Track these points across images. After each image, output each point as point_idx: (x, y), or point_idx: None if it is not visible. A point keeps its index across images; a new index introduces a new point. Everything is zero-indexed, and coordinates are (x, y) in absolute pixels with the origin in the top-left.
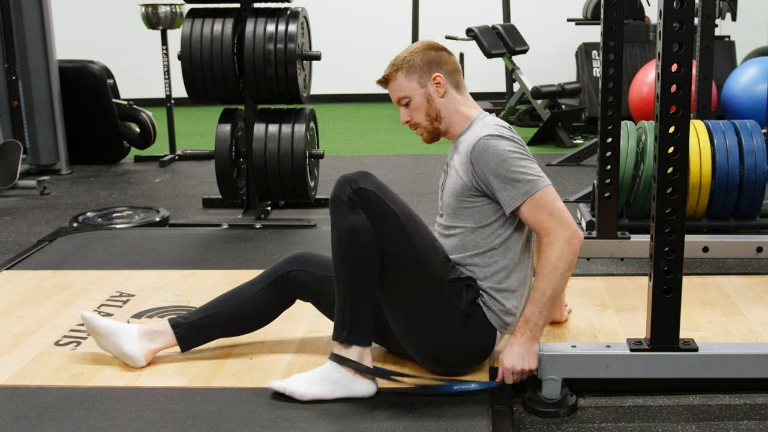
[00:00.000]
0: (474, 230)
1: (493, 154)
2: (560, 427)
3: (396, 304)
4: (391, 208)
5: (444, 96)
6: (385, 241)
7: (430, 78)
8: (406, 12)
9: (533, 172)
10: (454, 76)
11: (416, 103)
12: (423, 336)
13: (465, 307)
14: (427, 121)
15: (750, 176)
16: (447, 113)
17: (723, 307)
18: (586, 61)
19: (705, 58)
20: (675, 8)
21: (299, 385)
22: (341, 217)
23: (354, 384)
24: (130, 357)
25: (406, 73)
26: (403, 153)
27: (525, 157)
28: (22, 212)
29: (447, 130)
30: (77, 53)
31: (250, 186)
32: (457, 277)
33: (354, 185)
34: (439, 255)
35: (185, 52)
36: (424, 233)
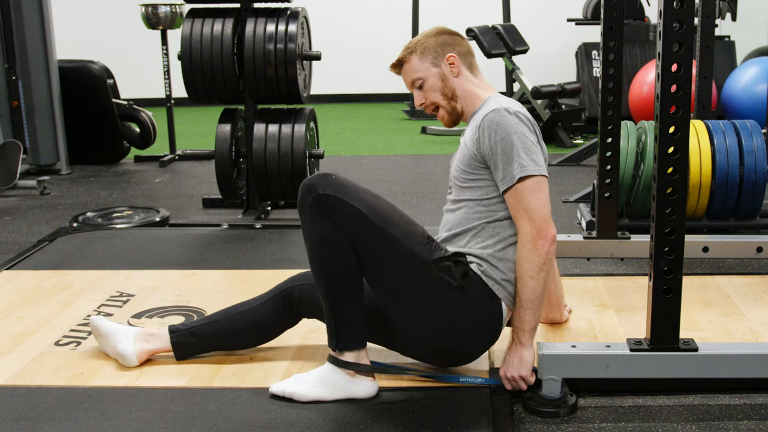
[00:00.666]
0: (479, 202)
1: (497, 128)
2: (560, 427)
3: (390, 301)
4: (354, 207)
5: (458, 76)
6: (358, 241)
7: (444, 58)
8: (406, 12)
9: (526, 159)
10: (468, 57)
11: (430, 83)
12: (426, 326)
13: (459, 282)
14: (444, 100)
15: (750, 176)
16: (463, 92)
17: (723, 307)
18: (586, 61)
19: (705, 58)
20: (675, 8)
21: (299, 387)
22: (308, 227)
23: (354, 385)
24: (122, 355)
25: (420, 55)
26: (403, 153)
27: (527, 141)
28: (22, 212)
29: (463, 109)
30: (77, 53)
31: (250, 186)
32: (442, 256)
33: (313, 192)
34: (418, 237)
35: (185, 52)
36: (398, 220)
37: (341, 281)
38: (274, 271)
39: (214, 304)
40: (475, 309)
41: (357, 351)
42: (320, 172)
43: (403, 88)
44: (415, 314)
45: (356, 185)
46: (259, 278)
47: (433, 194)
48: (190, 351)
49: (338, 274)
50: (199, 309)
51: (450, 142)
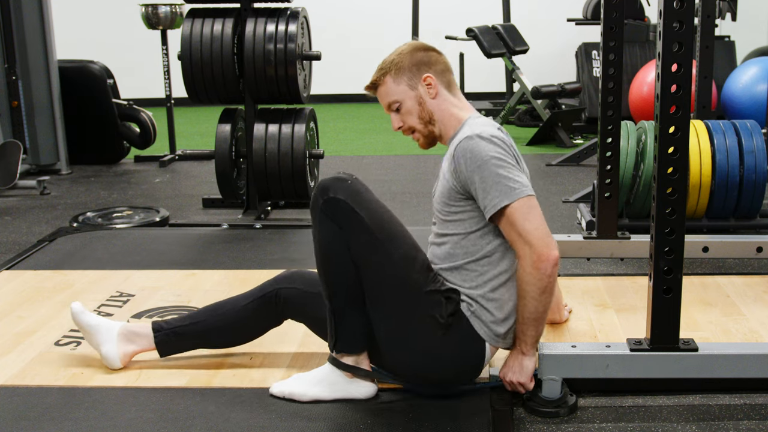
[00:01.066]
0: (464, 236)
1: (472, 156)
2: (560, 427)
3: (377, 319)
4: (361, 218)
5: (435, 97)
6: (358, 252)
7: (420, 79)
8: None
9: (507, 182)
10: (445, 75)
11: (407, 106)
12: (407, 354)
13: (445, 320)
14: (421, 124)
15: (750, 176)
16: (440, 115)
17: (723, 307)
18: (586, 61)
19: (705, 58)
20: (675, 8)
21: (298, 386)
22: (317, 228)
23: (352, 386)
24: (106, 358)
25: (395, 76)
26: (403, 153)
27: (505, 163)
28: (22, 212)
29: (441, 133)
30: (77, 53)
31: (250, 186)
32: (436, 289)
33: (325, 194)
34: (417, 265)
35: (185, 52)
36: (402, 242)
37: (344, 285)
38: (274, 271)
39: None
40: (458, 348)
41: (356, 355)
42: (338, 175)
43: None
44: (398, 340)
45: (371, 196)
46: (259, 278)
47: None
48: (174, 349)
49: (341, 278)
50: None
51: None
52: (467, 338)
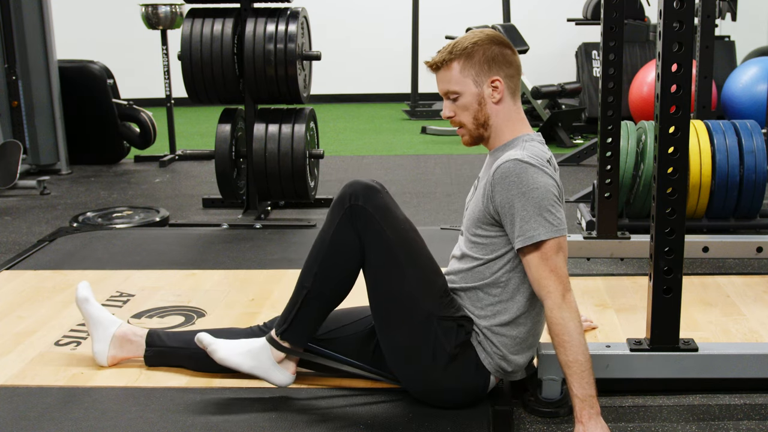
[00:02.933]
0: (485, 263)
1: (515, 182)
2: (560, 427)
3: (384, 335)
4: (385, 234)
5: (498, 103)
6: (375, 269)
7: (488, 79)
8: (406, 12)
9: (550, 217)
10: (514, 81)
11: (466, 101)
12: (410, 373)
13: (453, 349)
14: (473, 124)
15: (750, 176)
16: (496, 122)
17: (723, 307)
18: (586, 61)
19: (705, 58)
20: (675, 8)
21: (224, 348)
22: (332, 227)
23: (273, 369)
24: (95, 354)
25: (463, 66)
26: (403, 153)
27: (551, 196)
28: (22, 212)
29: (490, 139)
30: (77, 53)
31: (250, 186)
32: (449, 316)
33: (354, 199)
34: (434, 289)
35: (185, 52)
36: (421, 263)
37: (326, 288)
38: (274, 271)
39: (214, 304)
40: (460, 378)
41: (295, 347)
42: (371, 183)
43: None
44: (403, 359)
45: (399, 212)
46: (259, 278)
47: (433, 194)
48: (160, 364)
49: (329, 281)
50: (199, 309)
51: (450, 142)
52: (471, 368)
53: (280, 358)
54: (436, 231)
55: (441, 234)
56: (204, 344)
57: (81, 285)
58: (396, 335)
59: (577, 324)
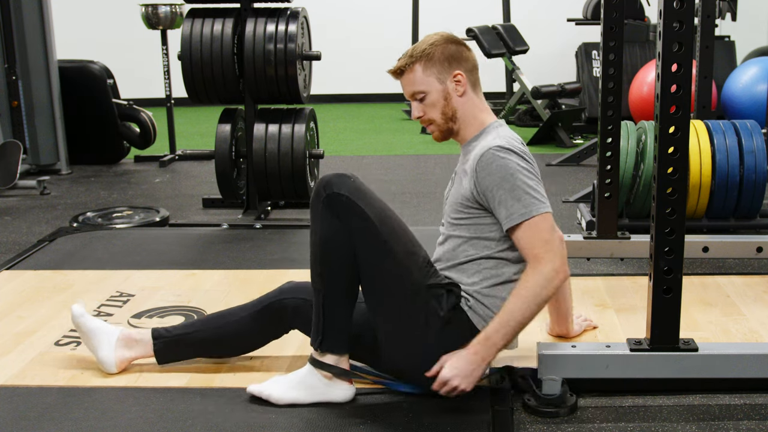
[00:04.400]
0: (468, 240)
1: (499, 167)
2: (560, 427)
3: (377, 313)
4: (365, 214)
5: (462, 95)
6: (360, 248)
7: (450, 75)
8: (406, 12)
9: (537, 195)
10: (474, 74)
11: (432, 99)
12: (406, 347)
13: (445, 313)
14: (442, 119)
15: (750, 176)
16: (463, 114)
17: (723, 307)
18: (586, 61)
19: (705, 58)
20: (675, 8)
21: (276, 389)
22: (317, 223)
23: (331, 389)
24: (102, 362)
25: (425, 67)
26: (403, 153)
27: (532, 177)
28: (22, 212)
29: (459, 131)
30: (77, 53)
31: (250, 186)
32: (437, 283)
33: (329, 189)
34: (419, 259)
35: (185, 52)
36: (403, 237)
37: (338, 283)
38: (274, 271)
39: (214, 304)
40: (456, 343)
41: (339, 355)
42: (340, 172)
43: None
44: (398, 333)
45: (372, 193)
46: (259, 278)
47: (433, 194)
48: (173, 358)
49: (336, 275)
50: (199, 309)
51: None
52: (467, 332)
53: (330, 375)
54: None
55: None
56: (256, 394)
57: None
58: (390, 310)
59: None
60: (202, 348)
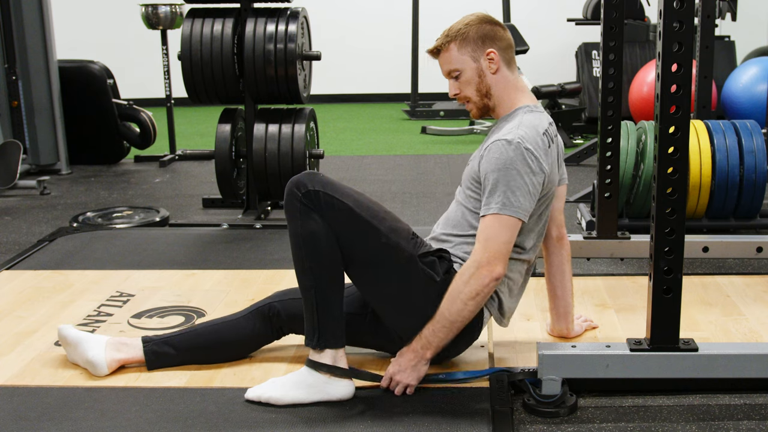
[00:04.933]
0: (473, 214)
1: (497, 159)
2: (560, 427)
3: (374, 295)
4: (343, 203)
5: (496, 73)
6: (346, 236)
7: (484, 53)
8: (406, 12)
9: (512, 197)
10: (508, 53)
11: (467, 77)
12: (408, 320)
13: (441, 277)
14: (477, 96)
15: (750, 176)
16: (497, 91)
17: (723, 307)
18: (586, 61)
19: (705, 58)
20: (675, 8)
21: (275, 391)
22: (297, 223)
23: (330, 387)
24: (92, 363)
25: (460, 46)
26: (403, 153)
27: (522, 178)
28: (22, 212)
29: (495, 108)
30: (77, 53)
31: (250, 186)
32: (427, 251)
33: (302, 188)
34: (404, 234)
35: (185, 52)
36: (385, 216)
37: (327, 277)
38: (274, 271)
39: (214, 304)
40: None
41: (335, 350)
42: (305, 171)
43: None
44: (399, 308)
45: (341, 183)
46: (259, 278)
47: (433, 194)
48: (163, 363)
49: (324, 269)
50: (199, 309)
51: (450, 142)
52: None
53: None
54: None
55: None
56: (255, 399)
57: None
58: (387, 288)
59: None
60: (192, 354)
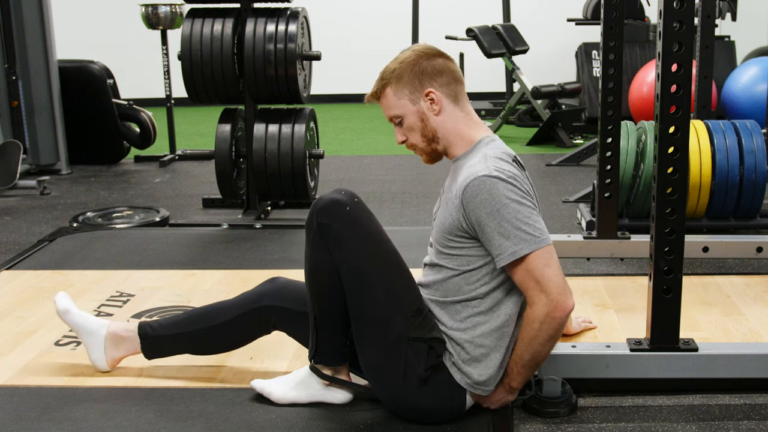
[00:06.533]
0: (459, 274)
1: (485, 201)
2: (560, 427)
3: (358, 347)
4: (356, 253)
5: (439, 114)
6: (345, 284)
7: (422, 94)
8: (406, 12)
9: (529, 228)
10: (451, 88)
11: (409, 122)
12: (382, 388)
13: (423, 372)
14: (423, 142)
15: (750, 176)
16: (445, 133)
17: (723, 307)
18: (586, 61)
19: (705, 58)
20: (675, 8)
21: (277, 388)
22: (309, 249)
23: (329, 391)
24: (95, 364)
25: (395, 89)
26: (403, 153)
27: (523, 205)
28: (22, 212)
29: (446, 150)
30: (77, 53)
31: (250, 186)
32: (420, 337)
33: (321, 218)
34: (406, 308)
35: (185, 52)
36: (393, 283)
37: (327, 309)
38: (274, 271)
39: None
40: (435, 400)
41: (335, 368)
42: (339, 197)
43: None
44: (376, 377)
45: (370, 226)
46: (259, 278)
47: (433, 194)
48: (159, 354)
49: (326, 303)
50: None
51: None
52: (444, 390)
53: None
54: None
55: None
56: (258, 390)
57: (58, 297)
58: (368, 353)
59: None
60: (188, 347)
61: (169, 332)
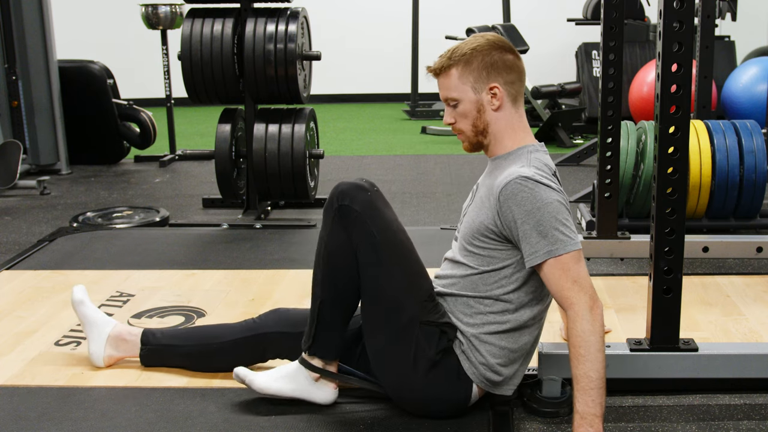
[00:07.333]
0: (480, 274)
1: (525, 199)
2: (560, 427)
3: (368, 333)
4: (373, 234)
5: (498, 110)
6: (362, 267)
7: (487, 86)
8: (405, 12)
9: (566, 230)
10: (515, 87)
11: (465, 108)
12: (389, 375)
13: (434, 355)
14: (472, 131)
15: (750, 176)
16: (496, 129)
17: (723, 307)
18: (586, 61)
19: (705, 58)
20: (675, 8)
21: (260, 378)
22: (326, 231)
23: (314, 388)
24: (91, 357)
25: (461, 73)
26: (403, 153)
27: (563, 206)
28: (22, 212)
29: (490, 147)
30: (77, 53)
31: (250, 186)
32: (432, 321)
33: (342, 200)
34: (419, 293)
35: (185, 52)
36: (407, 267)
37: (337, 294)
38: (274, 271)
39: (214, 304)
40: (442, 386)
41: (327, 361)
42: (360, 182)
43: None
44: (386, 359)
45: (388, 213)
46: (259, 278)
47: (433, 194)
48: (155, 362)
49: (336, 286)
50: (199, 309)
51: (450, 142)
52: (453, 376)
53: (317, 376)
54: (436, 231)
55: (441, 234)
56: (240, 378)
57: (76, 288)
58: (379, 337)
59: (598, 339)
60: (183, 361)
61: (168, 343)
